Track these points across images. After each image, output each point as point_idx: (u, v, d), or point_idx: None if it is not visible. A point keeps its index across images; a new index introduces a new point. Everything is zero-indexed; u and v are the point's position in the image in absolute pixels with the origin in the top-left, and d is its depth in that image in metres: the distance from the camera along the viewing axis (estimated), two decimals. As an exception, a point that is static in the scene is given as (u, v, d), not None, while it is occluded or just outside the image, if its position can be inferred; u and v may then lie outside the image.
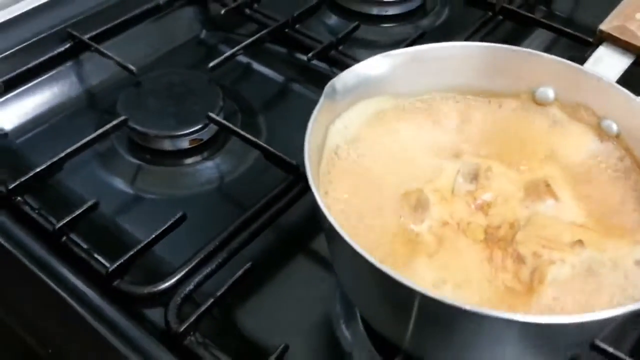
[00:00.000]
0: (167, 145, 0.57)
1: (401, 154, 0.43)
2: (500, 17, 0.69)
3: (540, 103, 0.45)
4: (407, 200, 0.39)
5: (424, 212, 0.38)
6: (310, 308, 0.46)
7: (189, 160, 0.57)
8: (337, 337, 0.44)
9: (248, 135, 0.54)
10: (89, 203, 0.48)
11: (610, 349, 0.37)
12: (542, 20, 0.67)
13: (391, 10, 0.73)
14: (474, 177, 0.40)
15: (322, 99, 0.40)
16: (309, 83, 0.65)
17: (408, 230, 0.38)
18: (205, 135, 0.57)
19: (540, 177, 0.41)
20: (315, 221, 0.50)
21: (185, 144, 0.57)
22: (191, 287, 0.43)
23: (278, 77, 0.66)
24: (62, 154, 0.52)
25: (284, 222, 0.50)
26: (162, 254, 0.48)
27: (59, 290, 0.42)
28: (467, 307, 0.29)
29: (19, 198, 0.49)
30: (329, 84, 0.40)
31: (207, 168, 0.57)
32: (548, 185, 0.39)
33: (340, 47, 0.65)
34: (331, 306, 0.46)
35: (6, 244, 0.45)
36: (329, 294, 0.47)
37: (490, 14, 0.68)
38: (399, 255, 0.37)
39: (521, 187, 0.40)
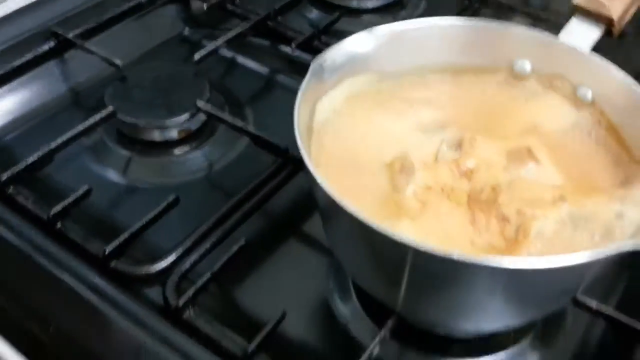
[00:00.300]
0: (156, 136, 0.57)
1: (386, 130, 0.45)
2: (477, 5, 0.71)
3: (518, 76, 0.46)
4: (392, 167, 0.40)
5: (409, 176, 0.39)
6: (304, 285, 0.47)
7: (178, 151, 0.58)
8: (332, 309, 0.45)
9: (236, 122, 0.55)
10: (82, 190, 0.48)
11: (594, 305, 0.39)
12: (517, 7, 0.70)
13: (370, 3, 0.75)
14: (458, 145, 0.41)
15: (308, 76, 0.41)
16: (293, 74, 0.66)
17: (393, 196, 0.39)
18: (194, 125, 0.58)
19: (522, 145, 0.43)
20: (305, 203, 0.52)
21: (174, 134, 0.57)
22: (187, 266, 0.44)
23: (263, 70, 0.67)
24: (53, 145, 0.52)
25: (274, 204, 0.51)
26: (155, 240, 0.48)
27: (57, 273, 0.42)
28: (455, 256, 0.30)
29: (12, 188, 0.50)
30: (316, 60, 0.41)
31: (197, 157, 0.57)
32: (529, 151, 0.41)
33: (323, 38, 0.66)
34: (325, 282, 0.47)
35: (2, 232, 0.46)
36: (322, 271, 0.48)
37: (467, 2, 0.70)
38: (384, 220, 0.38)
39: (504, 155, 0.42)
